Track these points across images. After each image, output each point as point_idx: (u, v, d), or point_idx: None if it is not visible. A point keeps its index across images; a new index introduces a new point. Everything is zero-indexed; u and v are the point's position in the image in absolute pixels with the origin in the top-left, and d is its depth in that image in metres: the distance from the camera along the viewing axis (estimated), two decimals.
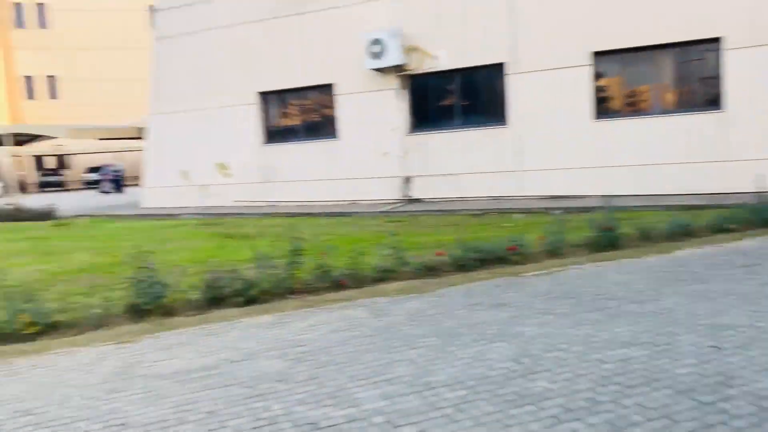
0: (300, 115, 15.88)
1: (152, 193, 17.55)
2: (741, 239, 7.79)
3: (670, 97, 12.20)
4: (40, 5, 40.80)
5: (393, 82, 14.23)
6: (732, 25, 11.17)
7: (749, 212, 8.54)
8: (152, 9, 17.93)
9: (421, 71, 13.95)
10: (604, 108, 12.67)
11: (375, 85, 14.42)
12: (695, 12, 11.41)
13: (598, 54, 12.44)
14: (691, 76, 12.03)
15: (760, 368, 3.80)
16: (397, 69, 14.01)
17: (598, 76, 12.63)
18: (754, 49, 11.05)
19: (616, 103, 12.66)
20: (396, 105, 14.25)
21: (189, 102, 16.61)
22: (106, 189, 29.74)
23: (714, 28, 11.34)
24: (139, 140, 26.68)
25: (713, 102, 11.74)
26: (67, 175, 40.86)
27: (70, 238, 12.44)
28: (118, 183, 29.88)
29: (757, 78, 11.09)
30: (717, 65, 11.55)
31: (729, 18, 11.17)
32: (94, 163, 40.73)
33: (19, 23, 40.70)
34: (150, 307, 5.96)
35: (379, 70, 14.11)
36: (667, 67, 12.15)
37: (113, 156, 40.25)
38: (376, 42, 13.62)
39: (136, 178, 41.38)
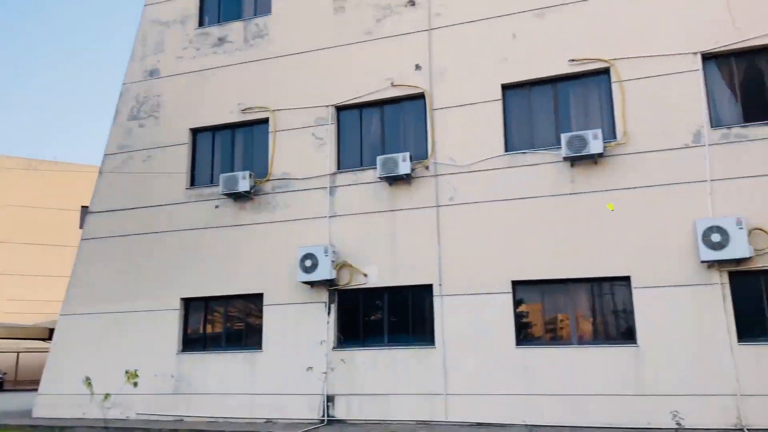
0: (223, 323, 15.48)
1: (47, 401, 15.88)
2: None
3: (587, 328, 12.77)
4: None
5: (323, 296, 14.34)
6: (638, 265, 12.24)
7: None
8: (85, 210, 18.05)
9: (351, 287, 14.21)
10: (525, 335, 13.04)
11: (304, 297, 14.47)
12: (606, 252, 12.51)
13: (518, 283, 13.15)
14: (606, 310, 12.76)
15: None
16: (328, 283, 14.24)
17: (518, 303, 13.21)
18: (659, 289, 12.00)
19: (536, 330, 13.09)
20: (324, 319, 14.20)
21: (105, 304, 15.95)
22: None
23: (623, 267, 12.37)
24: (44, 341, 24.94)
25: (628, 335, 12.32)
26: None
27: None
28: None
29: (665, 316, 11.87)
30: (630, 301, 12.37)
31: (636, 259, 12.27)
32: None
33: None
34: None
35: (309, 283, 14.28)
36: (584, 299, 12.90)
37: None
38: (309, 256, 13.99)
39: (33, 382, 37.83)
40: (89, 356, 15.54)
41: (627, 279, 12.39)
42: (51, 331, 20.45)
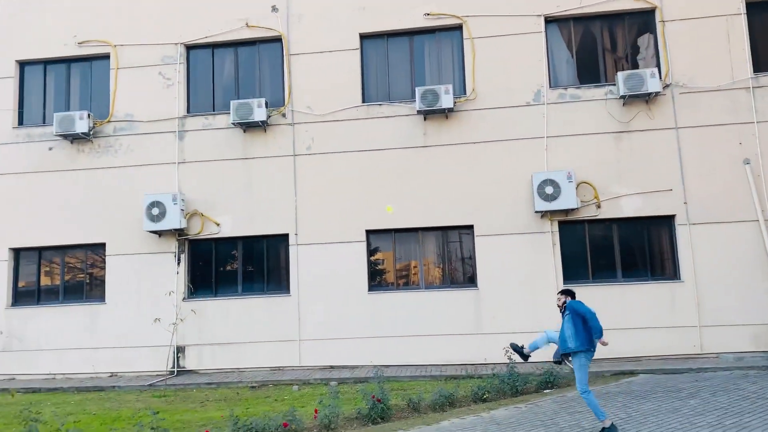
0: (61, 274, 14.37)
1: None
2: (496, 408, 8.44)
3: (436, 274, 13.53)
4: None
5: (172, 245, 13.77)
6: (481, 215, 13.08)
7: (500, 382, 9.41)
8: None
9: (202, 236, 13.78)
10: (378, 281, 13.54)
11: (152, 247, 13.80)
12: (453, 202, 13.19)
13: (372, 232, 13.54)
14: (452, 256, 13.58)
15: None
16: (178, 233, 13.68)
17: (372, 251, 13.63)
18: (495, 237, 12.96)
19: (388, 277, 13.63)
20: (174, 269, 13.69)
21: None
22: None
23: (468, 217, 13.16)
24: None
25: (471, 280, 13.25)
26: None
27: None
28: None
29: (499, 260, 12.88)
30: (472, 248, 13.24)
31: (479, 209, 13.09)
32: None
33: None
34: None
35: (157, 232, 13.62)
36: (432, 246, 13.60)
37: None
38: (156, 204, 13.30)
39: None
40: None
41: (470, 228, 13.22)
42: None
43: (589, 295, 11.12)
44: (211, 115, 14.14)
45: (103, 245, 14.02)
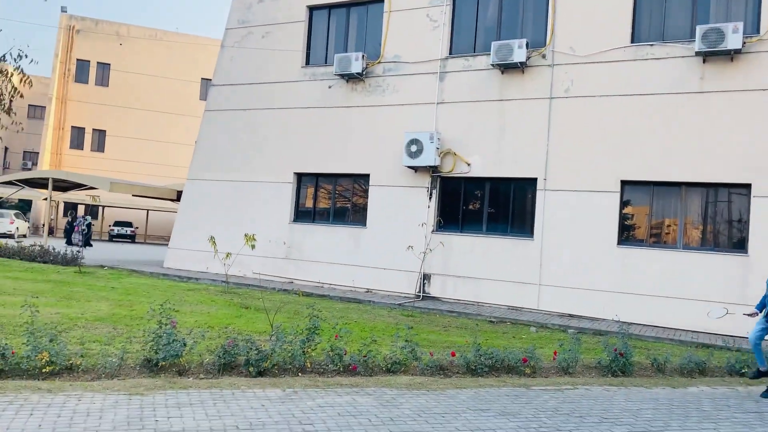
0: (331, 199, 16.41)
1: (176, 254, 17.95)
2: (755, 384, 7.72)
3: (695, 234, 12.42)
4: (105, 65, 43.41)
5: (426, 180, 14.75)
6: (760, 173, 11.53)
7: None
8: (208, 83, 19.07)
9: (453, 174, 14.48)
10: (628, 235, 12.91)
11: (408, 181, 14.96)
12: (725, 157, 11.83)
13: (627, 183, 12.84)
14: (718, 217, 12.29)
15: None
16: (432, 169, 14.57)
17: (625, 204, 12.97)
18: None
19: (640, 232, 12.90)
20: (426, 203, 14.70)
21: (226, 173, 17.32)
22: (76, 241, 29.14)
23: (744, 174, 11.70)
24: (173, 202, 27.51)
25: (739, 245, 11.91)
26: (95, 225, 41.83)
27: (91, 287, 12.70)
28: (87, 237, 29.23)
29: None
30: (745, 210, 11.81)
31: (758, 167, 11.54)
32: (124, 218, 41.75)
33: (82, 79, 43.22)
34: (165, 363, 6.09)
35: (413, 168, 14.68)
36: (695, 204, 12.45)
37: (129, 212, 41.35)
38: (414, 142, 14.28)
39: (160, 237, 42.21)
40: (213, 218, 17.16)
41: (747, 187, 11.76)
42: (179, 192, 22.47)
43: None
44: (471, 56, 14.49)
45: (367, 176, 15.58)
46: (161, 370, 6.09)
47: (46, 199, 27.68)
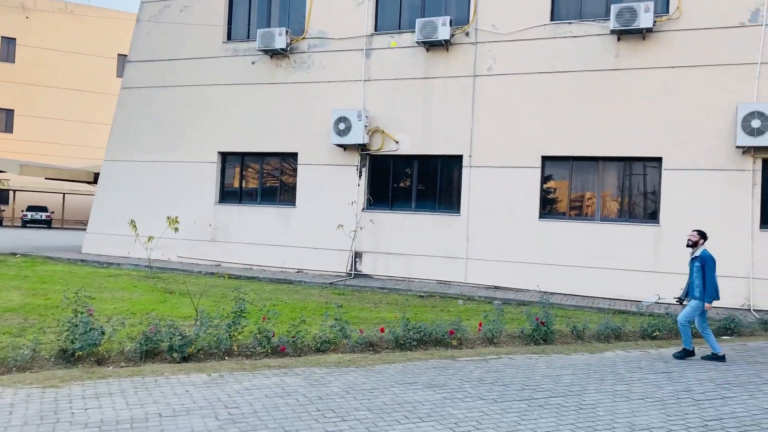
0: (259, 178, 16.10)
1: (96, 239, 17.17)
2: (665, 347, 8.22)
3: (613, 207, 13.01)
4: (10, 40, 40.59)
5: (355, 159, 14.70)
6: (670, 148, 12.17)
7: (673, 322, 9.03)
8: (125, 59, 18.19)
9: (382, 152, 14.49)
10: (550, 209, 13.37)
11: (337, 159, 14.86)
12: (640, 132, 12.39)
13: (548, 158, 13.26)
14: (634, 190, 12.91)
15: None
16: (360, 147, 14.53)
17: (546, 178, 13.40)
18: (685, 172, 12.01)
19: (561, 206, 13.38)
20: (355, 181, 14.66)
21: (146, 153, 16.64)
22: None
23: (656, 148, 12.32)
24: (90, 184, 26.26)
25: (652, 216, 12.56)
26: (5, 211, 39.38)
27: (1, 276, 11.99)
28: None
29: (687, 197, 11.98)
30: (657, 182, 12.46)
31: (668, 141, 12.17)
32: (38, 202, 39.52)
33: None
34: (82, 353, 5.84)
35: (342, 146, 14.59)
36: (612, 178, 13.01)
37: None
38: (343, 120, 14.17)
39: (78, 222, 40.27)
40: (133, 201, 16.49)
41: (659, 161, 12.39)
42: (96, 175, 21.45)
43: None
44: (397, 33, 14.46)
45: (295, 155, 15.36)
46: (78, 360, 5.83)
47: None
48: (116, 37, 41.70)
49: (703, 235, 7.75)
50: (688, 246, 7.81)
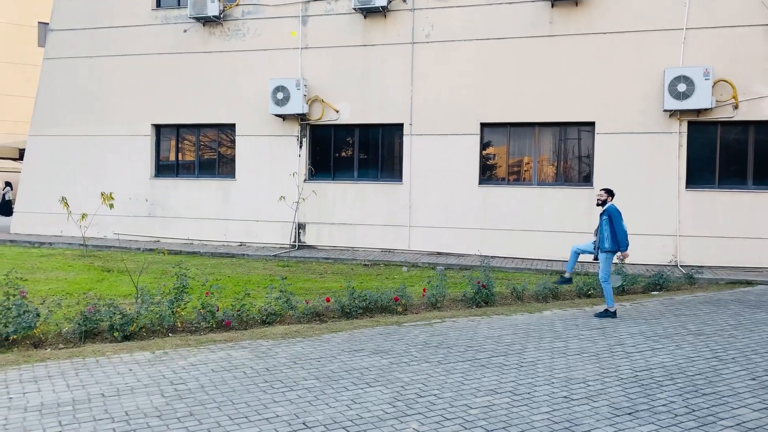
0: (196, 151, 15.68)
1: (25, 218, 16.39)
2: (600, 304, 8.61)
3: (549, 171, 13.38)
4: None
5: (294, 129, 14.50)
6: (602, 112, 12.57)
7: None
8: (46, 27, 17.19)
9: (322, 122, 14.35)
10: (489, 175, 13.64)
11: (277, 130, 14.61)
12: (576, 99, 12.73)
13: (486, 125, 13.46)
14: (569, 154, 13.31)
15: (602, 417, 4.29)
16: (300, 117, 14.33)
17: (485, 145, 13.63)
18: (616, 136, 12.47)
19: (500, 172, 13.67)
20: (296, 152, 14.49)
21: (75, 127, 15.90)
22: None
23: (589, 113, 12.70)
24: (15, 161, 24.92)
25: (586, 179, 13.01)
26: None
27: None
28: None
29: (618, 160, 12.46)
30: (591, 146, 12.88)
31: (601, 106, 12.56)
32: None
33: None
34: (17, 336, 5.64)
35: (281, 116, 14.35)
36: (548, 143, 13.36)
37: None
38: (281, 89, 13.90)
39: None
40: (63, 177, 15.78)
41: (592, 125, 12.78)
42: (22, 151, 20.37)
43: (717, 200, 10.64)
44: None
45: (233, 126, 15.01)
46: (13, 344, 5.63)
47: None
48: (35, 3, 39.24)
49: (610, 193, 8.06)
50: (597, 205, 8.15)
